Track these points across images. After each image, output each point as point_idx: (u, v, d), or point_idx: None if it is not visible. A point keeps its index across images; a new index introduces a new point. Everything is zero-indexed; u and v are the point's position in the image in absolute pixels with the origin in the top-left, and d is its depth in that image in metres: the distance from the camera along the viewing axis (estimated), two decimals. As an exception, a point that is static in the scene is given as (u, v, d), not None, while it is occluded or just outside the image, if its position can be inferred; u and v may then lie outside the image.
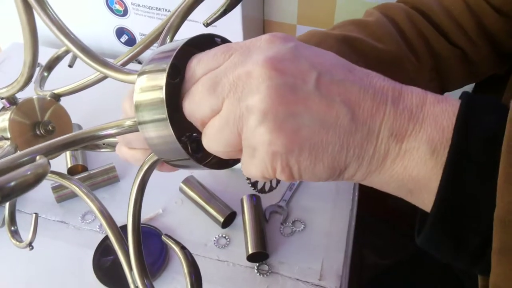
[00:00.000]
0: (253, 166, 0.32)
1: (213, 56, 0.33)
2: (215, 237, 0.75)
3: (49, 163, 0.28)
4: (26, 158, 0.31)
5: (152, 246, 0.72)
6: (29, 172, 0.26)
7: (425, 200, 0.32)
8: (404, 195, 0.33)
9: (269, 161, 0.31)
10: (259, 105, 0.29)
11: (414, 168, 0.31)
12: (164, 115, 0.31)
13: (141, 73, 0.33)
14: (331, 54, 0.33)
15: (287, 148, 0.30)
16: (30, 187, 0.25)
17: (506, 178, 0.28)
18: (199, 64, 0.33)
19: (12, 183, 0.24)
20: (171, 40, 0.41)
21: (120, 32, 1.06)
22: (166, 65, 0.31)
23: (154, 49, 0.35)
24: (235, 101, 0.30)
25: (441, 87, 0.65)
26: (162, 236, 0.39)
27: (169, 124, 0.31)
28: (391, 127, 0.30)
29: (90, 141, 0.36)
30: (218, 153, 0.34)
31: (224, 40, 0.35)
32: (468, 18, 0.61)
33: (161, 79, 0.31)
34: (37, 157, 0.29)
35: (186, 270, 0.37)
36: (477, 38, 0.61)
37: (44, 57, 0.60)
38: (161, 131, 0.32)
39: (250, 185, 0.72)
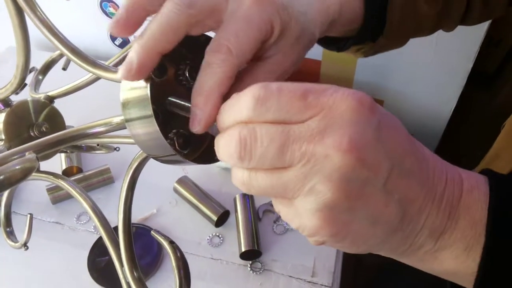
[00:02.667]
0: (290, 219, 0.31)
1: (287, 107, 0.28)
2: (209, 236, 0.76)
3: (37, 159, 0.29)
4: (16, 156, 0.32)
5: (146, 245, 0.73)
6: (17, 167, 0.26)
7: (454, 280, 0.34)
8: (433, 273, 0.34)
9: (307, 232, 0.30)
10: (325, 194, 0.28)
11: (445, 261, 0.32)
12: (150, 112, 0.32)
13: (127, 72, 0.34)
14: (402, 131, 0.30)
15: (332, 235, 0.29)
16: (18, 181, 0.26)
17: None
18: (266, 103, 0.28)
19: (1, 177, 0.25)
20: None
21: (114, 35, 1.07)
22: None
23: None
24: (301, 175, 0.28)
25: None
26: (151, 232, 0.40)
27: (155, 121, 0.32)
28: (431, 226, 0.30)
29: (79, 139, 0.37)
30: (249, 192, 0.32)
31: (209, 39, 0.36)
32: None
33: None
34: (26, 153, 0.30)
35: (174, 264, 0.38)
36: None
37: (39, 61, 0.61)
38: (147, 128, 0.33)
39: (243, 184, 0.73)
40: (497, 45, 1.27)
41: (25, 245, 0.54)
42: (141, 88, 0.32)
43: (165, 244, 0.38)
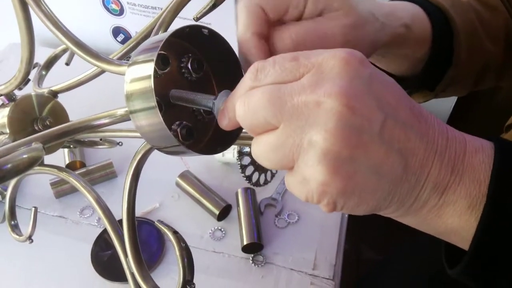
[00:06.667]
0: (299, 190, 0.32)
1: (281, 69, 0.30)
2: (211, 230, 0.76)
3: (44, 149, 0.29)
4: (23, 147, 0.32)
5: (149, 238, 0.74)
6: (24, 156, 0.27)
7: (453, 241, 0.34)
8: (432, 234, 0.35)
9: (317, 195, 0.30)
10: (323, 143, 0.28)
11: (449, 219, 0.32)
12: (153, 103, 0.33)
13: (131, 64, 0.34)
14: (396, 86, 0.31)
15: (339, 191, 0.30)
16: (25, 169, 0.27)
17: None
18: (263, 71, 0.31)
19: (9, 165, 0.26)
20: (163, 35, 0.42)
21: (116, 31, 1.08)
22: (154, 55, 0.33)
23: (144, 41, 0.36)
24: (297, 129, 0.29)
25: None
26: (156, 222, 0.41)
27: (158, 112, 0.33)
28: (435, 179, 0.31)
29: (84, 131, 0.37)
30: (263, 165, 0.33)
31: (211, 31, 0.36)
32: None
33: (149, 69, 0.32)
34: (33, 143, 0.30)
35: (178, 254, 0.38)
36: None
37: (42, 57, 0.61)
38: (151, 119, 0.34)
39: (245, 178, 0.74)
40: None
41: (29, 238, 0.55)
42: (145, 80, 0.33)
43: (169, 234, 0.39)
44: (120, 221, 0.44)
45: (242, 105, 0.31)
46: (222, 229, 0.77)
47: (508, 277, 0.32)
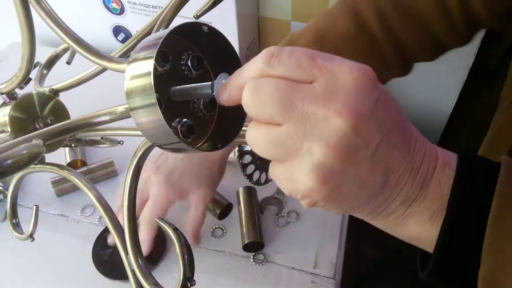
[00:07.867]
0: (285, 184, 0.33)
1: (296, 63, 0.30)
2: (212, 228, 0.77)
3: (44, 145, 0.29)
4: (24, 144, 0.33)
5: (150, 237, 0.74)
6: (24, 151, 0.27)
7: (420, 246, 0.38)
8: (399, 237, 0.38)
9: (301, 195, 0.32)
10: (321, 156, 0.30)
11: (411, 227, 0.35)
12: (153, 100, 0.33)
13: (131, 62, 0.34)
14: (396, 106, 0.32)
15: (323, 197, 0.32)
16: (25, 165, 0.27)
17: (488, 247, 0.33)
18: (278, 58, 0.31)
19: (9, 161, 0.26)
20: (163, 33, 0.43)
21: (117, 30, 1.08)
22: (154, 52, 0.33)
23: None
24: (300, 134, 0.30)
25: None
26: (156, 219, 0.41)
27: (158, 108, 0.33)
28: (406, 194, 0.33)
29: (84, 128, 0.37)
30: (255, 150, 0.33)
31: (211, 29, 0.37)
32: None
33: (149, 66, 0.33)
34: (33, 140, 0.30)
35: (178, 250, 0.38)
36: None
37: (43, 56, 0.61)
38: (151, 116, 0.34)
39: (246, 177, 0.74)
40: (499, 41, 1.27)
41: (31, 236, 0.55)
42: (145, 77, 0.33)
43: (169, 231, 0.39)
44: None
45: (251, 93, 0.31)
46: (223, 228, 0.77)
47: (471, 281, 0.34)
